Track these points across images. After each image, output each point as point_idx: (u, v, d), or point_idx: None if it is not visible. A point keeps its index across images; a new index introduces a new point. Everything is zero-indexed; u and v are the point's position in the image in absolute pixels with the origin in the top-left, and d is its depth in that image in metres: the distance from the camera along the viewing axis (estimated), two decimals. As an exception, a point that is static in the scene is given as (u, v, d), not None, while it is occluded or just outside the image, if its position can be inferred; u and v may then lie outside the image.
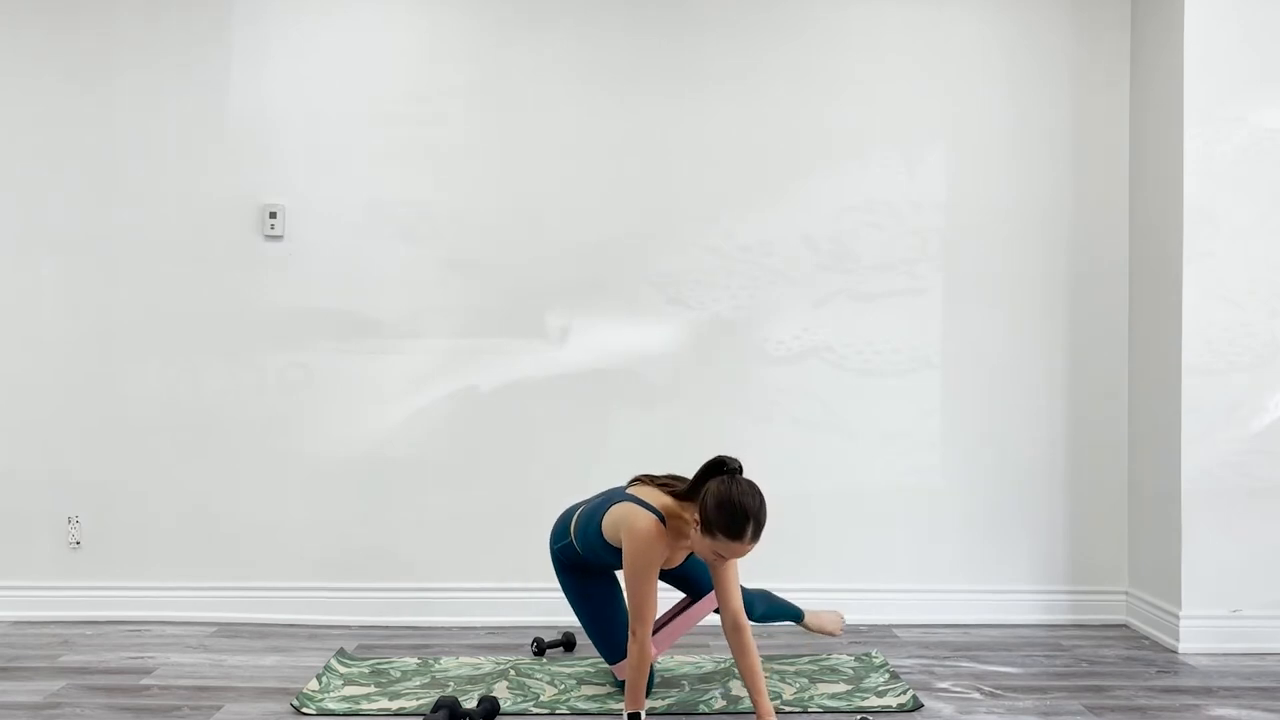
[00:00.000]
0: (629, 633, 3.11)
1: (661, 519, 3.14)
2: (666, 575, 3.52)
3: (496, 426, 4.32)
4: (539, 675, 3.61)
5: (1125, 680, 3.62)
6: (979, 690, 3.51)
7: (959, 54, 4.36)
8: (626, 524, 3.17)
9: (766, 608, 3.66)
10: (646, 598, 3.10)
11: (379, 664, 3.73)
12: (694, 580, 3.54)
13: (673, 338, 4.31)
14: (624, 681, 3.39)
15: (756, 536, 2.99)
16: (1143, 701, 3.40)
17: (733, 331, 4.33)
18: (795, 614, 3.75)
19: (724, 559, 3.06)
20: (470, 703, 3.31)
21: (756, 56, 4.34)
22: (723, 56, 4.33)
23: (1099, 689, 3.52)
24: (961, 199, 4.36)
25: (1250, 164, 3.97)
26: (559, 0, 4.32)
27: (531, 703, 3.34)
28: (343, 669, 3.66)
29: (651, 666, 3.37)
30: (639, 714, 3.09)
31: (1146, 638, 4.14)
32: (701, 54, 4.33)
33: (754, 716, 3.13)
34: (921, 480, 4.35)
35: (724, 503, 2.97)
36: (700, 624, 3.83)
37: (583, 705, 3.33)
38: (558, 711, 3.28)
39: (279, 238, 4.31)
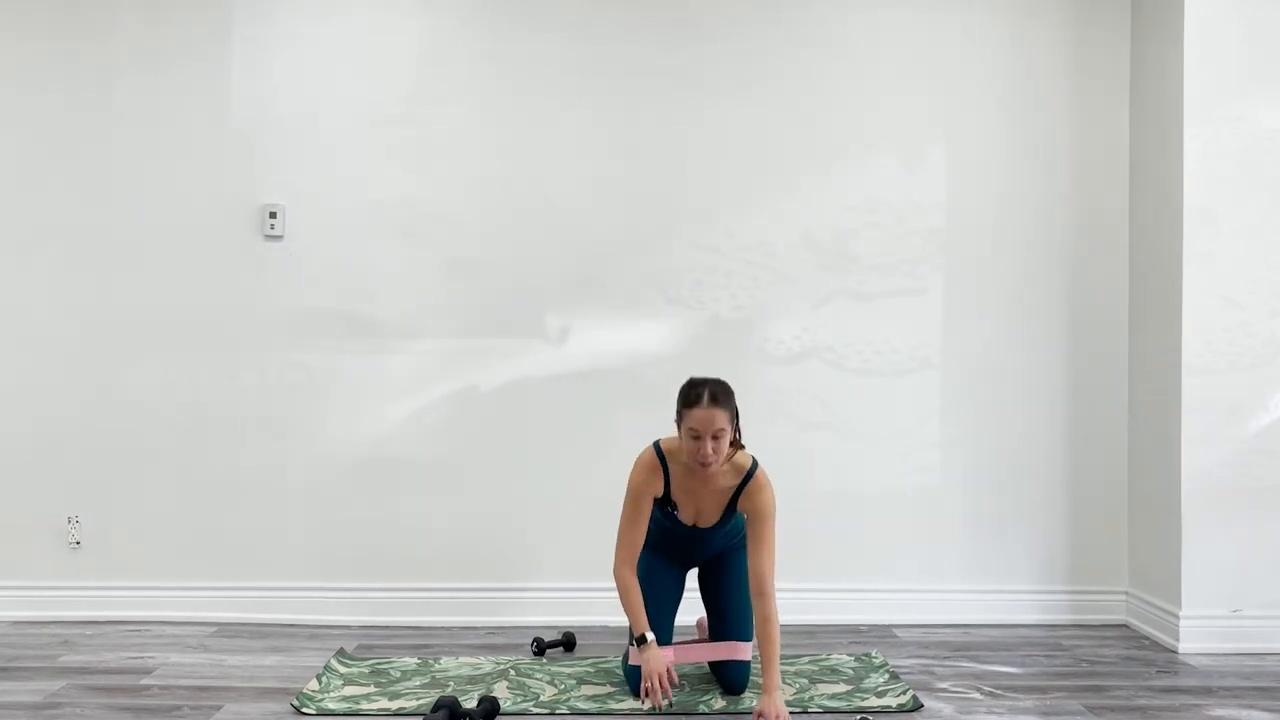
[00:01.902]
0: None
1: (660, 455, 3.31)
2: (710, 598, 3.50)
3: (496, 426, 4.31)
4: (539, 675, 3.61)
5: (1125, 680, 3.62)
6: (979, 690, 3.51)
7: (959, 54, 4.36)
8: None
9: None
10: (629, 527, 3.29)
11: (379, 664, 3.73)
12: (724, 609, 3.46)
13: (673, 338, 4.31)
14: (623, 679, 3.41)
15: (715, 401, 3.13)
16: (1143, 701, 3.40)
17: (733, 331, 4.33)
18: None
19: (698, 438, 3.14)
20: (470, 703, 3.31)
21: (757, 57, 4.34)
22: (723, 57, 4.33)
23: (1099, 689, 3.52)
24: (961, 199, 4.36)
25: (1250, 164, 3.97)
26: (559, 1, 4.32)
27: (531, 703, 3.34)
28: (343, 669, 3.66)
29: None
30: (644, 636, 3.15)
31: (1146, 638, 4.14)
32: (702, 54, 4.33)
33: (754, 716, 3.13)
34: (921, 480, 4.35)
35: (683, 385, 3.24)
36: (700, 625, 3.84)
37: (583, 705, 3.33)
38: (558, 711, 3.28)
39: (279, 238, 4.31)
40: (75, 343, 4.30)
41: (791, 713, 3.26)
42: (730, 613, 3.45)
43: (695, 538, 3.46)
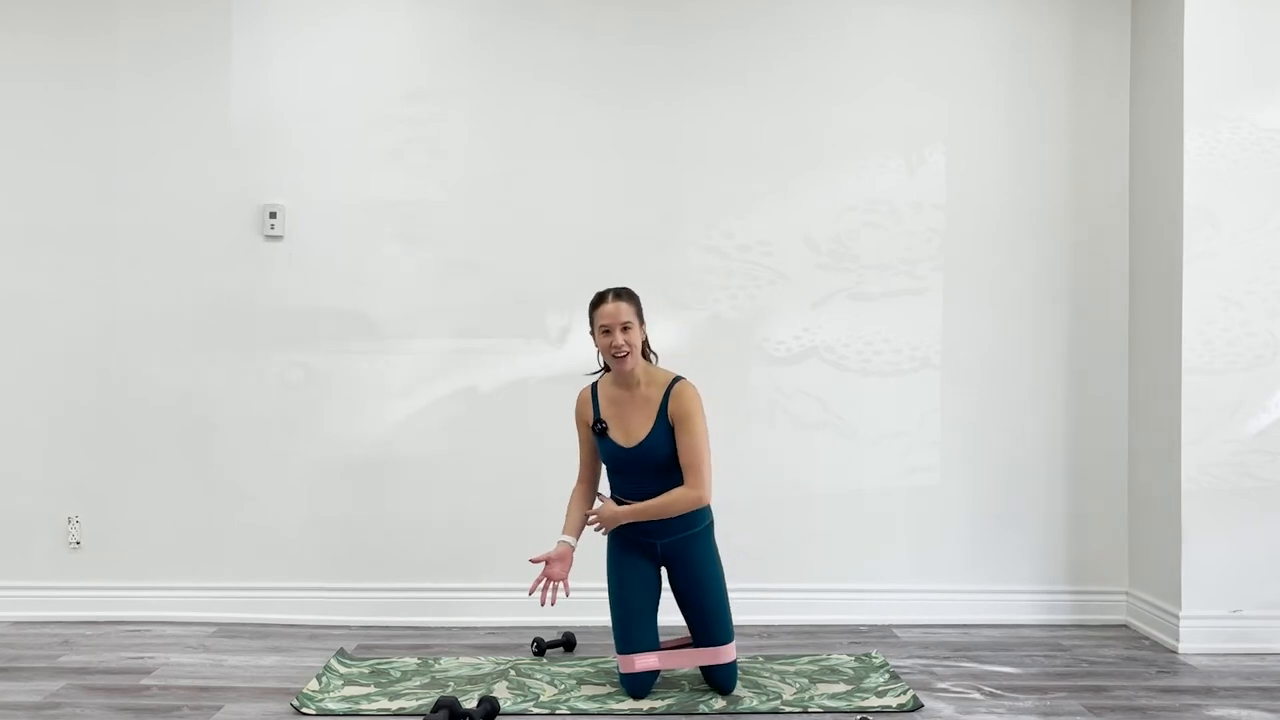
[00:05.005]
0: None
1: (593, 386, 3.59)
2: (683, 606, 3.49)
3: (496, 426, 4.31)
4: (539, 675, 3.61)
5: (1125, 680, 3.62)
6: (979, 690, 3.51)
7: (959, 54, 4.36)
8: None
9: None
10: (581, 456, 3.61)
11: (379, 664, 3.73)
12: (699, 612, 3.45)
13: (673, 338, 4.30)
14: (622, 680, 3.44)
15: (619, 297, 3.45)
16: (1143, 701, 3.40)
17: (733, 331, 4.33)
18: None
19: (609, 332, 3.40)
20: (470, 703, 3.31)
21: (757, 57, 4.34)
22: (723, 57, 4.33)
23: (1099, 689, 3.52)
24: (961, 199, 4.36)
25: (1250, 164, 3.97)
26: (559, 1, 4.32)
27: (531, 703, 3.34)
28: (343, 669, 3.66)
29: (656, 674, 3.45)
30: (564, 539, 3.52)
31: (1146, 638, 4.14)
32: (702, 54, 4.33)
33: (753, 715, 3.13)
34: (921, 480, 4.35)
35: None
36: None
37: (583, 705, 3.33)
38: (558, 711, 3.28)
39: (279, 238, 4.31)
40: (75, 343, 4.30)
41: (791, 713, 3.27)
42: (706, 615, 3.44)
43: (637, 462, 3.44)
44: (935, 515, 4.35)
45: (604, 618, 4.15)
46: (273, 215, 4.29)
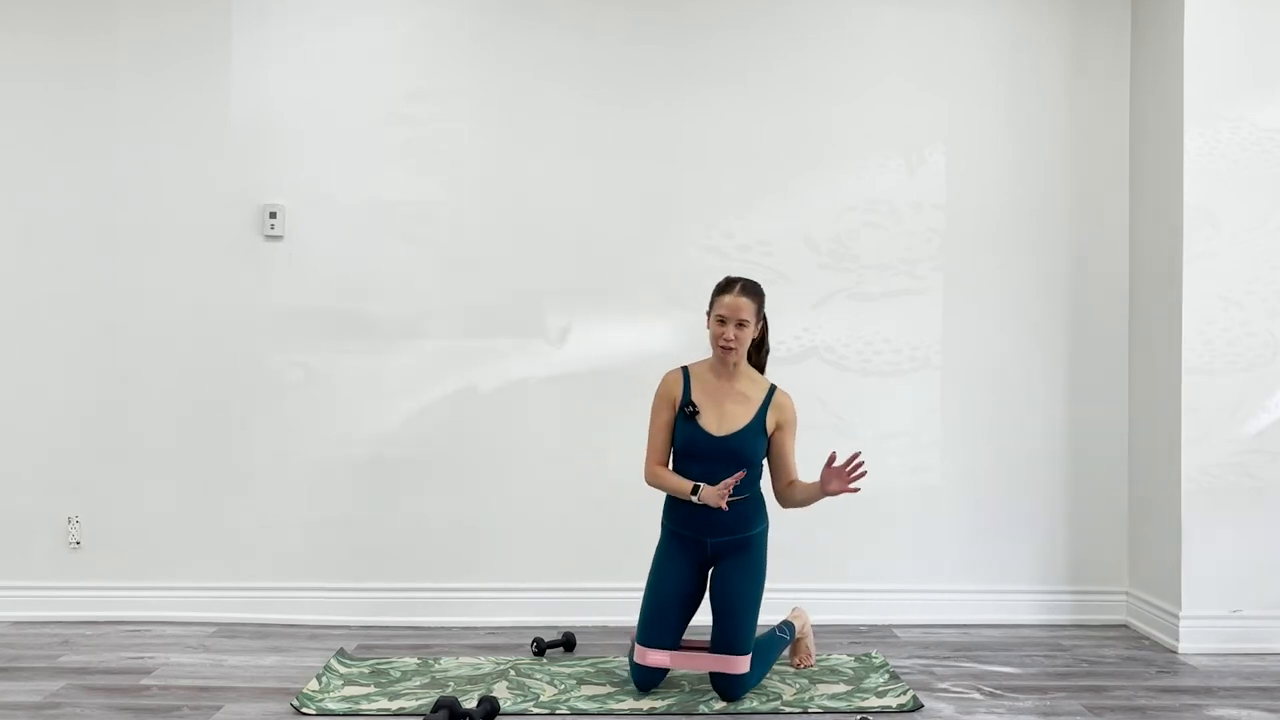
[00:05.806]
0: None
1: (684, 368, 3.56)
2: (714, 604, 3.47)
3: (496, 426, 4.31)
4: (539, 675, 3.61)
5: (1125, 680, 3.62)
6: (979, 690, 3.51)
7: (959, 54, 4.36)
8: None
9: (764, 662, 3.52)
10: (652, 436, 3.52)
11: (379, 664, 3.73)
12: (726, 616, 3.41)
13: (673, 338, 4.31)
14: (623, 680, 3.44)
15: (745, 292, 3.44)
16: (1143, 701, 3.40)
17: (733, 331, 4.32)
18: (786, 638, 3.68)
19: (723, 323, 3.41)
20: (470, 703, 3.31)
21: (757, 57, 4.34)
22: (723, 57, 4.33)
23: (1099, 689, 3.52)
24: (961, 199, 4.36)
25: (1250, 164, 3.97)
26: (559, 1, 4.32)
27: (531, 703, 3.34)
28: (343, 669, 3.66)
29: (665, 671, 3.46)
30: (695, 488, 3.38)
31: (1146, 638, 4.14)
32: (702, 54, 4.33)
33: (753, 715, 3.13)
34: (921, 480, 4.35)
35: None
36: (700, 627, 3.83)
37: (583, 705, 3.33)
38: (558, 711, 3.28)
39: (279, 238, 4.31)
40: (75, 343, 4.30)
41: (791, 713, 3.27)
42: (731, 619, 3.41)
43: (723, 453, 3.41)
44: (935, 515, 4.35)
45: (603, 617, 4.18)
46: (273, 215, 4.29)
